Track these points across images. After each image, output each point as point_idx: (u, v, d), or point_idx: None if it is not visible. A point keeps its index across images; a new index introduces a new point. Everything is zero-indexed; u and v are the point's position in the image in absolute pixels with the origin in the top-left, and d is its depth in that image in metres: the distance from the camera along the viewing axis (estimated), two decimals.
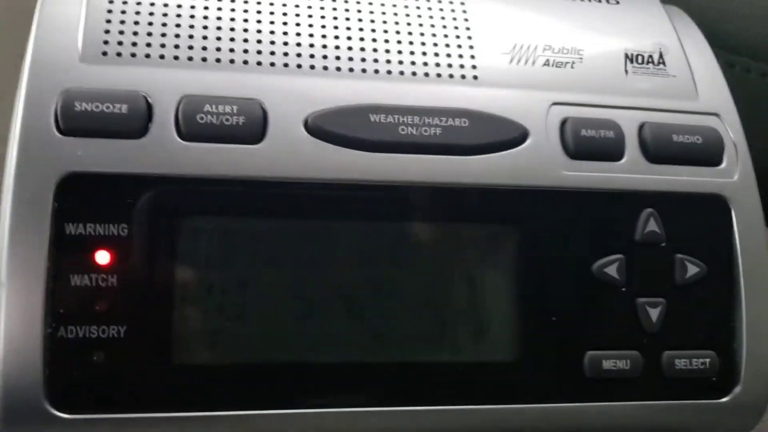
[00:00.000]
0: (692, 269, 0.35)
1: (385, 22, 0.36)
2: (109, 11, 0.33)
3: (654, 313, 0.35)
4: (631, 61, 0.38)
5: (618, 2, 0.40)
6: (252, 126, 0.32)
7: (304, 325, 0.33)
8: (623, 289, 0.34)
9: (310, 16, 0.35)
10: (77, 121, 0.31)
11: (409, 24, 0.36)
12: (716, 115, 0.37)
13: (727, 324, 0.35)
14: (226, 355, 0.32)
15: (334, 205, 0.33)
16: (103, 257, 0.31)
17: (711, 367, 0.35)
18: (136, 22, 0.33)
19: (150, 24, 0.33)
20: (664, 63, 0.38)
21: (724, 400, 0.35)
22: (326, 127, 0.33)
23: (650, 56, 0.38)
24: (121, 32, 0.33)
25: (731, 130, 0.37)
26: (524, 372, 0.34)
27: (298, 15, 0.35)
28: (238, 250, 0.32)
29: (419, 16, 0.37)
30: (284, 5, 0.35)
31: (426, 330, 0.33)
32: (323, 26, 0.35)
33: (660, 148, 0.36)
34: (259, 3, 0.35)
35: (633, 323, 0.34)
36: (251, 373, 0.32)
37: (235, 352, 0.32)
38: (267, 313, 0.32)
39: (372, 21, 0.36)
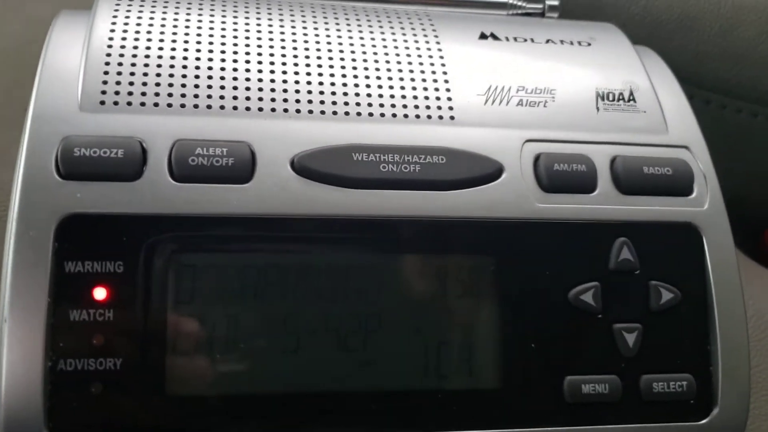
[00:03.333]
0: (666, 295, 0.36)
1: (366, 67, 0.38)
2: (107, 63, 0.36)
3: (630, 338, 0.36)
4: (602, 99, 0.40)
5: (590, 44, 0.42)
6: (241, 167, 0.34)
7: (292, 357, 0.34)
8: (600, 316, 0.36)
9: (295, 63, 0.38)
10: (76, 165, 0.33)
11: (389, 69, 0.38)
12: (686, 147, 0.39)
13: (702, 348, 0.37)
14: (217, 386, 0.33)
15: (320, 240, 0.34)
16: (100, 293, 0.32)
17: (688, 390, 0.36)
18: (132, 73, 0.36)
19: (144, 74, 0.36)
20: (634, 100, 0.40)
21: (702, 422, 0.36)
22: (311, 166, 0.35)
23: (620, 93, 0.40)
24: (118, 83, 0.35)
25: (700, 161, 0.39)
26: (506, 398, 0.35)
27: (284, 62, 0.38)
28: (228, 286, 0.34)
29: (399, 62, 0.39)
30: (271, 54, 0.38)
31: (410, 359, 0.35)
32: (308, 72, 0.37)
33: (631, 180, 0.37)
34: (247, 53, 0.38)
35: (610, 348, 0.36)
36: (241, 404, 0.33)
37: (225, 383, 0.33)
38: (256, 346, 0.34)
39: (354, 67, 0.38)
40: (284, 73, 0.37)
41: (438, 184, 0.36)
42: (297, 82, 0.37)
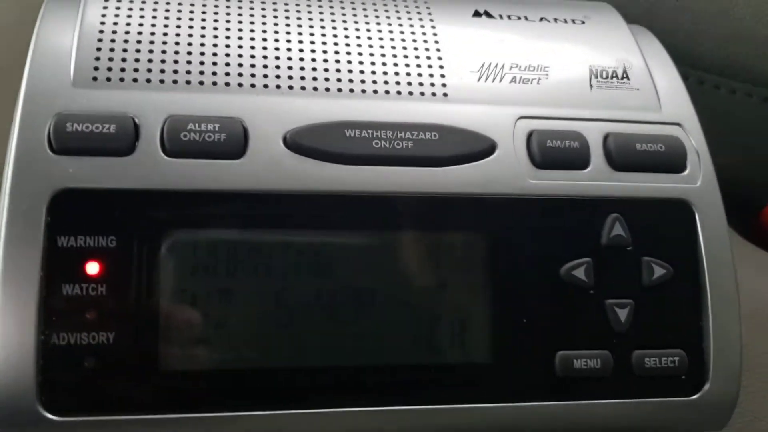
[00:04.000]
0: (659, 271, 0.37)
1: (359, 44, 0.38)
2: (99, 40, 0.36)
3: (622, 314, 0.36)
4: (596, 77, 0.40)
5: (583, 22, 0.42)
6: (233, 142, 0.34)
7: (285, 332, 0.34)
8: (592, 291, 0.36)
9: (288, 40, 0.38)
10: (68, 140, 0.33)
11: (381, 46, 0.38)
12: (678, 124, 0.39)
13: (694, 324, 0.37)
14: (210, 361, 0.33)
15: (312, 215, 0.34)
16: (93, 268, 0.32)
17: (680, 366, 0.36)
18: (125, 50, 0.36)
19: (137, 51, 0.36)
20: (627, 77, 0.40)
21: (694, 397, 0.36)
22: (304, 142, 0.35)
23: (614, 71, 0.40)
24: (110, 59, 0.35)
25: (693, 138, 0.39)
26: (499, 372, 0.35)
27: (276, 39, 0.38)
28: (221, 261, 0.34)
29: (392, 39, 0.39)
30: (264, 30, 0.38)
31: (403, 333, 0.35)
32: (300, 49, 0.37)
33: (624, 157, 0.37)
34: (240, 30, 0.38)
35: (602, 324, 0.36)
36: (234, 378, 0.33)
37: (218, 358, 0.33)
38: (249, 321, 0.34)
39: (347, 44, 0.38)
40: (277, 50, 0.37)
41: (431, 161, 0.36)
42: (290, 58, 0.37)
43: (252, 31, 0.38)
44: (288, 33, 0.38)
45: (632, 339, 0.36)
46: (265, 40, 0.37)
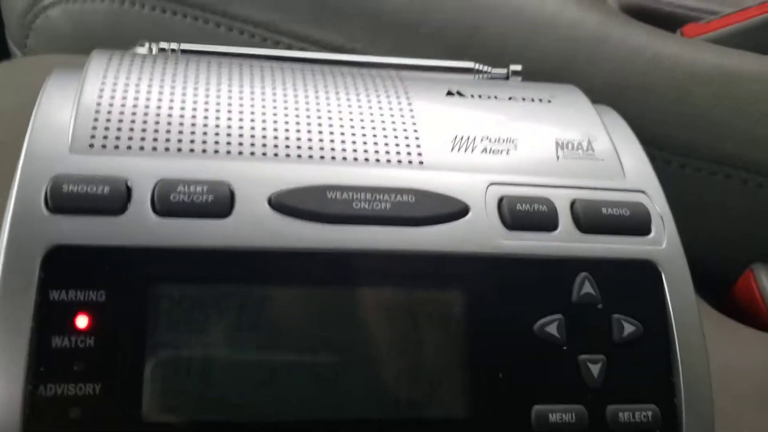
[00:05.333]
0: (629, 328, 0.38)
1: (340, 116, 0.41)
2: (97, 111, 0.38)
3: (595, 369, 0.37)
4: (562, 148, 0.43)
5: (550, 101, 0.45)
6: (220, 203, 0.36)
7: (267, 387, 0.35)
8: (565, 348, 0.37)
9: (274, 112, 0.40)
10: (64, 200, 0.35)
11: (362, 119, 0.41)
12: (642, 192, 0.42)
13: (665, 379, 0.38)
14: (192, 414, 0.34)
15: (295, 272, 0.36)
16: (82, 321, 0.34)
17: (654, 420, 0.37)
18: (120, 120, 0.38)
19: (132, 121, 0.38)
20: (592, 149, 0.43)
21: None
22: (288, 203, 0.37)
23: (579, 143, 0.43)
24: (106, 128, 0.38)
25: (657, 204, 0.41)
26: (476, 427, 0.36)
27: (263, 111, 0.40)
28: (206, 316, 0.35)
29: (371, 111, 0.42)
30: (252, 102, 0.41)
31: (380, 389, 0.36)
32: (285, 119, 0.40)
33: (591, 220, 0.39)
34: (229, 103, 0.40)
35: (576, 379, 0.37)
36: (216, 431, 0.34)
37: (201, 411, 0.34)
38: (232, 376, 0.35)
39: (329, 117, 0.41)
40: (264, 121, 0.40)
41: (407, 221, 0.38)
42: (275, 129, 0.40)
43: (241, 103, 0.40)
44: (274, 104, 0.41)
45: (605, 394, 0.37)
46: (253, 112, 0.40)
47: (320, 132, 0.40)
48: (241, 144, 0.39)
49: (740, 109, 0.54)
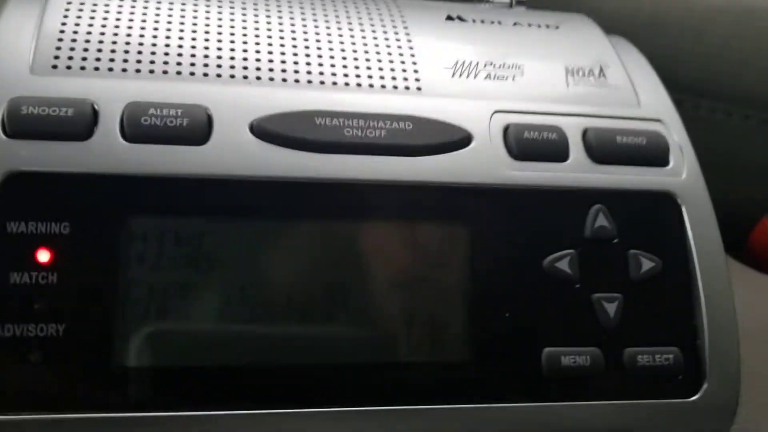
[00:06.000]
0: (647, 264, 0.35)
1: (330, 39, 0.37)
2: (62, 30, 0.35)
3: (611, 309, 0.34)
4: (572, 75, 0.39)
5: (558, 27, 0.42)
6: (196, 128, 0.33)
7: (248, 328, 0.32)
8: (577, 285, 0.34)
9: (256, 29, 0.37)
10: (22, 124, 0.31)
11: (353, 42, 0.38)
12: (659, 120, 0.38)
13: (688, 319, 0.35)
14: (166, 357, 0.31)
15: (280, 204, 0.33)
16: (44, 256, 0.30)
17: (675, 364, 0.34)
18: (87, 40, 0.35)
19: (100, 41, 0.35)
20: (604, 76, 0.39)
21: (692, 399, 0.34)
22: (271, 129, 0.33)
23: (590, 70, 0.40)
24: (72, 48, 0.34)
25: (675, 134, 0.38)
26: (480, 371, 0.33)
27: (244, 28, 0.37)
28: (181, 250, 0.32)
29: (363, 35, 0.38)
30: (231, 18, 0.37)
31: (376, 330, 0.33)
32: (269, 38, 0.37)
33: (605, 149, 0.36)
34: (207, 18, 0.37)
35: (590, 319, 0.34)
36: (193, 378, 0.31)
37: (176, 355, 0.31)
38: (210, 316, 0.32)
39: (317, 35, 0.37)
40: (245, 42, 0.36)
41: (404, 149, 0.34)
42: (258, 51, 0.36)
43: (219, 20, 0.37)
44: (256, 24, 0.37)
45: (623, 335, 0.34)
46: (232, 30, 0.36)
47: (308, 55, 0.36)
48: (219, 66, 0.35)
49: (758, 45, 0.50)
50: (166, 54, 0.35)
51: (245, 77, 0.35)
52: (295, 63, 0.36)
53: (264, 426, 0.31)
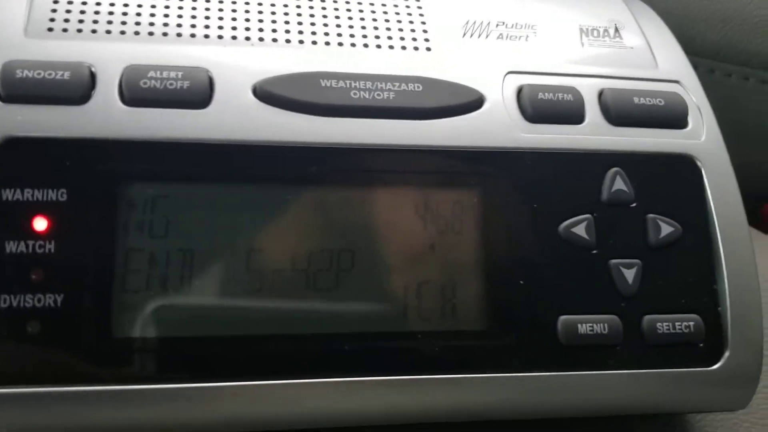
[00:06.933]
0: (666, 229, 0.33)
1: None
2: None
3: (629, 275, 0.33)
4: (587, 35, 0.38)
5: None
6: (197, 91, 0.31)
7: (255, 298, 0.31)
8: (594, 251, 0.33)
9: None
10: (18, 87, 0.30)
11: (359, 0, 0.36)
12: (677, 82, 0.37)
13: (708, 286, 0.33)
14: (169, 327, 0.30)
15: (285, 169, 0.31)
16: (40, 224, 0.29)
17: (696, 332, 0.33)
18: (84, 2, 0.33)
19: (98, 1, 0.33)
20: (620, 36, 0.38)
21: (713, 367, 0.33)
22: (276, 92, 0.32)
23: (605, 30, 0.38)
24: (68, 10, 0.33)
25: (694, 95, 0.37)
26: (494, 339, 0.32)
27: None
28: (182, 218, 0.30)
29: None
30: None
31: (387, 299, 0.31)
32: (272, 2, 0.35)
33: (622, 111, 0.35)
34: None
35: (608, 286, 0.33)
36: (197, 349, 0.30)
37: (179, 326, 0.30)
38: (214, 285, 0.30)
39: None
40: (247, 2, 0.35)
41: (414, 112, 0.33)
42: (260, 11, 0.35)
43: None
44: None
45: (642, 302, 0.33)
46: None
47: (312, 14, 0.35)
48: (221, 27, 0.34)
49: None
50: (166, 15, 0.34)
51: (247, 38, 0.34)
52: (299, 23, 0.35)
53: (271, 397, 0.30)
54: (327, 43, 0.34)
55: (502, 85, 0.35)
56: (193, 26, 0.34)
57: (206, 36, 0.33)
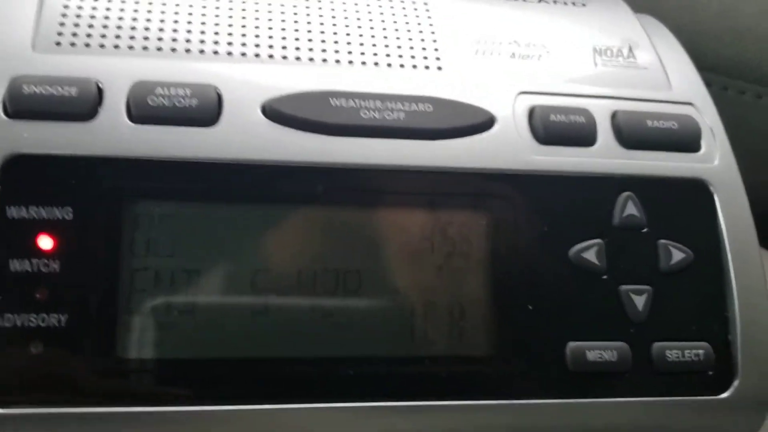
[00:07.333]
0: (677, 255, 0.33)
1: (345, 14, 0.36)
2: (66, 5, 0.33)
3: (640, 302, 0.32)
4: (600, 55, 0.37)
5: (584, 5, 0.40)
6: (206, 108, 0.31)
7: (260, 319, 0.30)
8: (605, 276, 0.32)
9: (269, 4, 0.35)
10: (24, 103, 0.30)
11: (370, 18, 0.36)
12: (690, 104, 0.36)
13: (719, 313, 0.33)
14: (174, 348, 0.29)
15: (293, 189, 0.31)
16: (46, 242, 0.29)
17: (706, 360, 0.32)
18: (92, 16, 0.33)
19: (106, 15, 0.33)
20: (634, 56, 0.38)
21: (722, 396, 0.32)
22: (285, 111, 0.32)
23: (619, 50, 0.38)
24: (77, 24, 0.33)
25: (708, 118, 0.36)
26: (501, 365, 0.31)
27: (256, 3, 0.35)
28: (189, 237, 0.30)
29: (381, 12, 0.36)
30: None
31: (394, 322, 0.31)
32: (282, 15, 0.35)
33: (634, 133, 0.34)
34: None
35: (618, 312, 0.32)
36: (202, 370, 0.29)
37: (184, 346, 0.30)
38: (220, 306, 0.30)
39: (332, 11, 0.35)
40: (257, 18, 0.34)
41: (424, 133, 0.33)
42: (270, 28, 0.34)
43: None
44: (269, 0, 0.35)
45: (651, 329, 0.32)
46: (244, 6, 0.35)
47: (322, 32, 0.35)
48: (230, 44, 0.33)
49: None
50: (175, 31, 0.33)
51: (257, 55, 0.33)
52: (310, 40, 0.34)
53: (275, 422, 0.29)
54: (337, 61, 0.34)
55: (513, 105, 0.34)
56: (203, 42, 0.33)
57: (215, 52, 0.33)
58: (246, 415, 0.29)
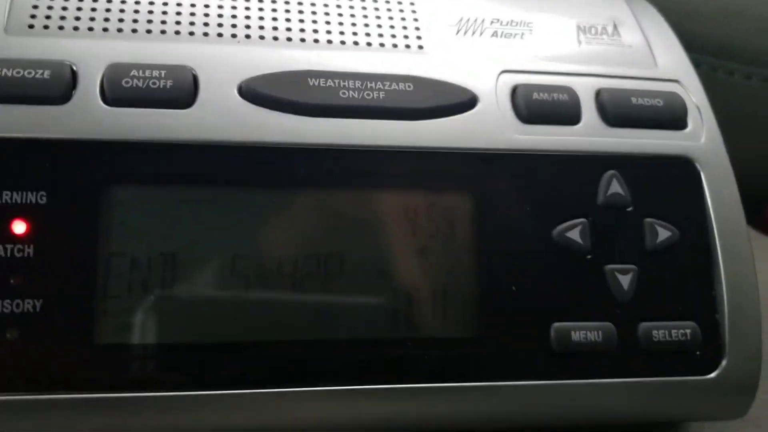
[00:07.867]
0: (663, 233, 0.33)
1: None
2: None
3: (625, 281, 0.32)
4: (584, 33, 0.37)
5: None
6: (181, 90, 0.30)
7: (240, 303, 0.30)
8: (589, 256, 0.32)
9: None
10: None
11: None
12: (676, 81, 0.36)
13: (706, 292, 0.33)
14: (151, 333, 0.29)
15: (270, 170, 0.31)
16: (19, 227, 0.28)
17: (693, 339, 0.32)
18: None
19: None
20: (618, 34, 0.37)
21: (710, 376, 0.32)
22: (262, 91, 0.31)
23: (604, 27, 0.37)
24: (50, 7, 0.32)
25: (694, 95, 0.36)
26: (485, 347, 0.31)
27: None
28: (166, 221, 0.30)
29: None
30: None
31: (376, 305, 0.31)
32: None
33: (619, 111, 0.34)
34: None
35: (603, 292, 0.32)
36: (181, 355, 0.29)
37: (163, 331, 0.29)
38: (197, 289, 0.30)
39: None
40: None
41: (405, 113, 0.32)
42: (247, 8, 0.34)
43: None
44: None
45: (637, 309, 0.32)
46: None
47: (301, 11, 0.34)
48: (206, 24, 0.33)
49: None
50: (150, 12, 0.33)
51: (233, 36, 0.33)
52: (287, 20, 0.34)
53: (255, 407, 0.29)
54: (316, 41, 0.33)
55: (495, 84, 0.34)
56: (178, 23, 0.33)
57: (191, 33, 0.33)
58: (223, 399, 0.29)
